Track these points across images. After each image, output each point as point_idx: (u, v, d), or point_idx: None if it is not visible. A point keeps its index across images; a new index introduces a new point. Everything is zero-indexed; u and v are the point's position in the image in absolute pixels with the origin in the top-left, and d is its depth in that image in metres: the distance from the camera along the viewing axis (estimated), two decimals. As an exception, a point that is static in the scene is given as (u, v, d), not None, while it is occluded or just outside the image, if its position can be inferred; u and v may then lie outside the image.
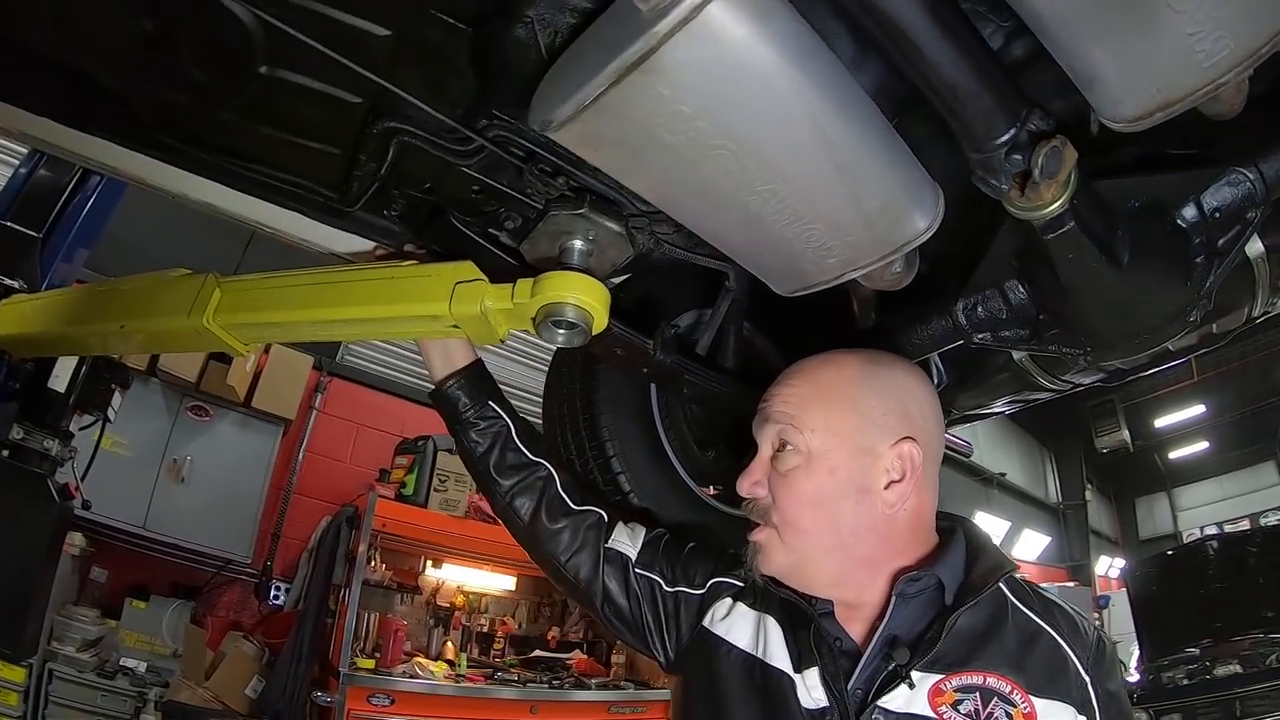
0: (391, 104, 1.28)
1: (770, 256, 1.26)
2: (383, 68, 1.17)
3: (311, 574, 5.10)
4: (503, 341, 1.49)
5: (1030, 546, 15.16)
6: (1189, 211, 1.21)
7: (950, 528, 1.28)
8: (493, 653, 5.84)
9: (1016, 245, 1.34)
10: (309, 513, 5.77)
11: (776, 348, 2.11)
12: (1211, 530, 14.85)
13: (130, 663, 4.29)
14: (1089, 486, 17.52)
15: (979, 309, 1.49)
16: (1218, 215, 1.20)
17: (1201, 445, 15.00)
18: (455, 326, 1.48)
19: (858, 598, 1.21)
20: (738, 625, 1.31)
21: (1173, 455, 17.66)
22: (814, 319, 1.89)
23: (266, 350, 5.65)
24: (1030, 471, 16.66)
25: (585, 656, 5.98)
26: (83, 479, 4.23)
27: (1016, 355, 1.75)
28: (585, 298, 1.30)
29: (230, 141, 1.45)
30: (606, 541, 1.45)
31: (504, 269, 1.45)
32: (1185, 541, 13.52)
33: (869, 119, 1.02)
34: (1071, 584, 14.70)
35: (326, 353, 6.39)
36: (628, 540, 1.46)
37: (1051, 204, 1.01)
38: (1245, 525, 14.40)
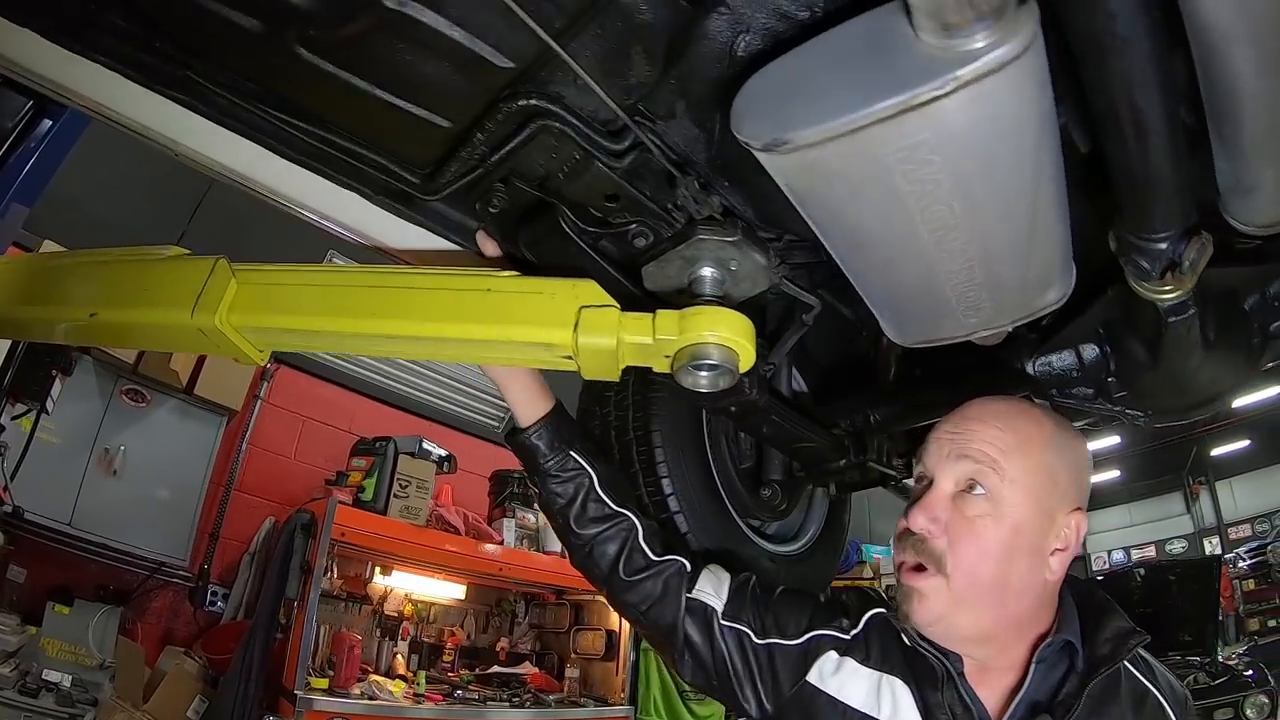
0: (548, 76, 1.04)
1: (915, 307, 1.22)
2: (561, 29, 0.89)
3: (257, 582, 4.66)
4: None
5: None
6: (1255, 299, 1.40)
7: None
8: (441, 664, 5.46)
9: (1111, 314, 1.44)
10: (250, 512, 5.28)
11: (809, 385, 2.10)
12: (1119, 555, 15.42)
13: (54, 676, 3.75)
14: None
15: (1053, 364, 1.60)
16: (1275, 303, 1.39)
17: (1114, 474, 15.42)
18: (568, 358, 1.20)
19: (996, 660, 1.19)
20: (851, 683, 1.26)
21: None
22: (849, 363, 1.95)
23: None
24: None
25: (538, 670, 5.66)
26: (12, 478, 3.79)
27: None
28: (738, 338, 1.11)
29: (295, 92, 1.11)
30: (689, 591, 1.37)
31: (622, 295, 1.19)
32: (1102, 566, 14.33)
33: (1063, 191, 1.01)
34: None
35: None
36: (712, 590, 1.37)
37: (1184, 291, 1.10)
38: (1151, 552, 15.11)
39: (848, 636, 1.30)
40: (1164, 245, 1.04)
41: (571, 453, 1.39)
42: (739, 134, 0.89)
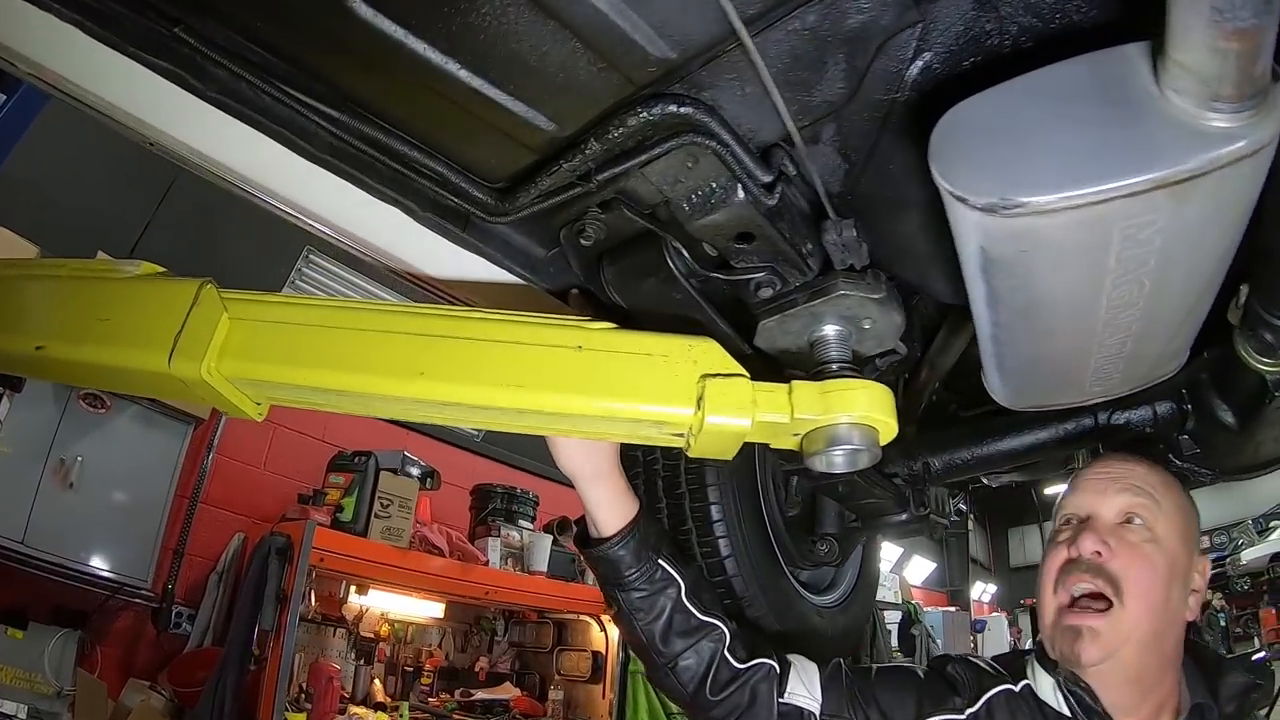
0: (710, 78, 0.81)
1: (1047, 375, 1.14)
2: (754, 17, 0.69)
3: (226, 604, 4.25)
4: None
5: (919, 571, 15.39)
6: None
7: None
8: (420, 687, 5.10)
9: (1199, 376, 1.43)
10: (218, 527, 4.81)
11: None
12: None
13: (8, 707, 3.35)
14: (970, 516, 17.94)
15: (1129, 419, 1.58)
16: None
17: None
18: (679, 435, 0.91)
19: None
20: None
21: (1048, 490, 17.95)
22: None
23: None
24: (920, 498, 16.84)
25: (521, 693, 5.33)
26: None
27: None
28: (884, 416, 0.96)
29: (331, 65, 0.83)
30: (781, 695, 1.24)
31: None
32: None
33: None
34: (953, 608, 15.03)
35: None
36: (804, 690, 1.25)
37: None
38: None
39: (963, 716, 1.21)
40: None
41: (660, 561, 1.22)
42: (947, 183, 0.74)
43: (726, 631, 1.24)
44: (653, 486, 1.74)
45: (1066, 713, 1.14)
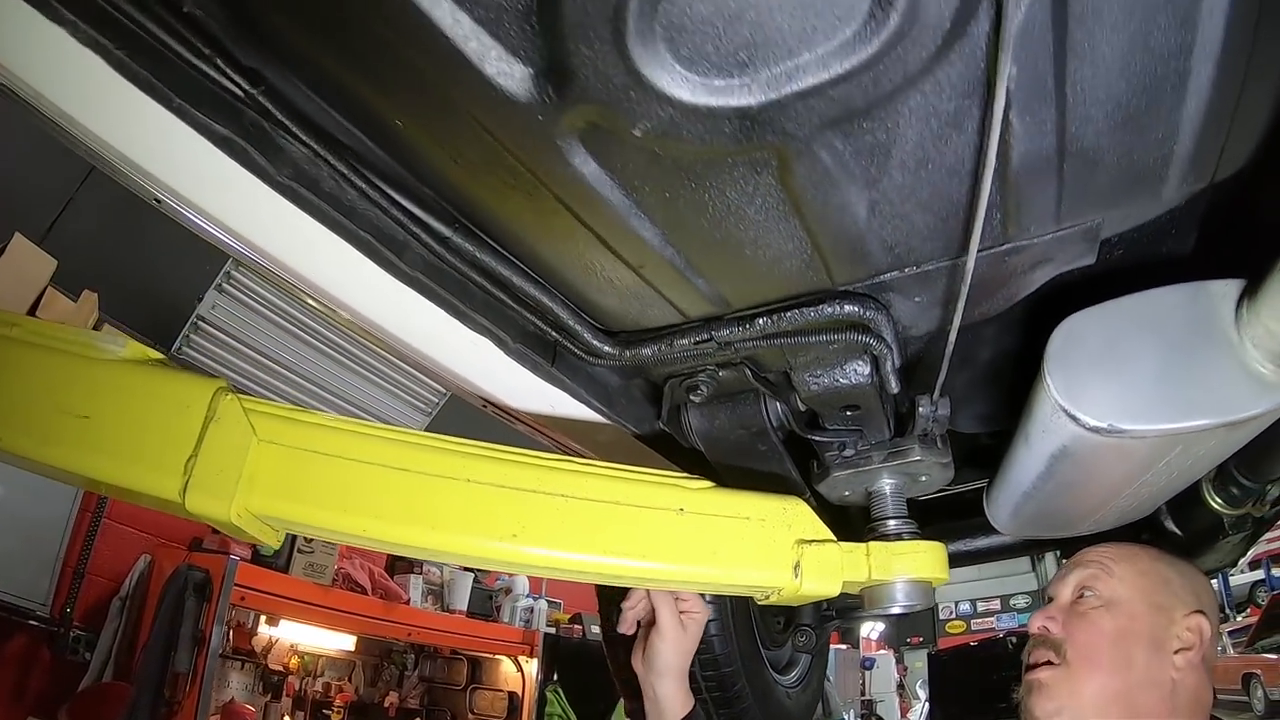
0: (899, 286, 0.81)
1: (1054, 519, 1.27)
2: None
3: (129, 632, 3.87)
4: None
5: None
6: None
7: None
8: None
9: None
10: (122, 545, 4.35)
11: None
12: (965, 606, 16.00)
13: None
14: (864, 555, 18.46)
15: None
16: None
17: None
18: (766, 594, 0.86)
19: None
20: None
21: (937, 536, 18.72)
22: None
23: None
24: (819, 535, 17.22)
25: None
26: None
27: None
28: (941, 573, 1.00)
29: (487, 194, 0.70)
30: None
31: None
32: (949, 615, 14.95)
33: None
34: (843, 646, 15.25)
35: (163, 340, 4.88)
36: None
37: (1249, 514, 1.31)
38: (996, 604, 15.73)
39: None
40: (1270, 486, 1.24)
41: None
42: (1063, 401, 0.84)
43: None
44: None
45: None
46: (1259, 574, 16.68)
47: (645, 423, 1.02)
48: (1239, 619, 13.61)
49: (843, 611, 2.05)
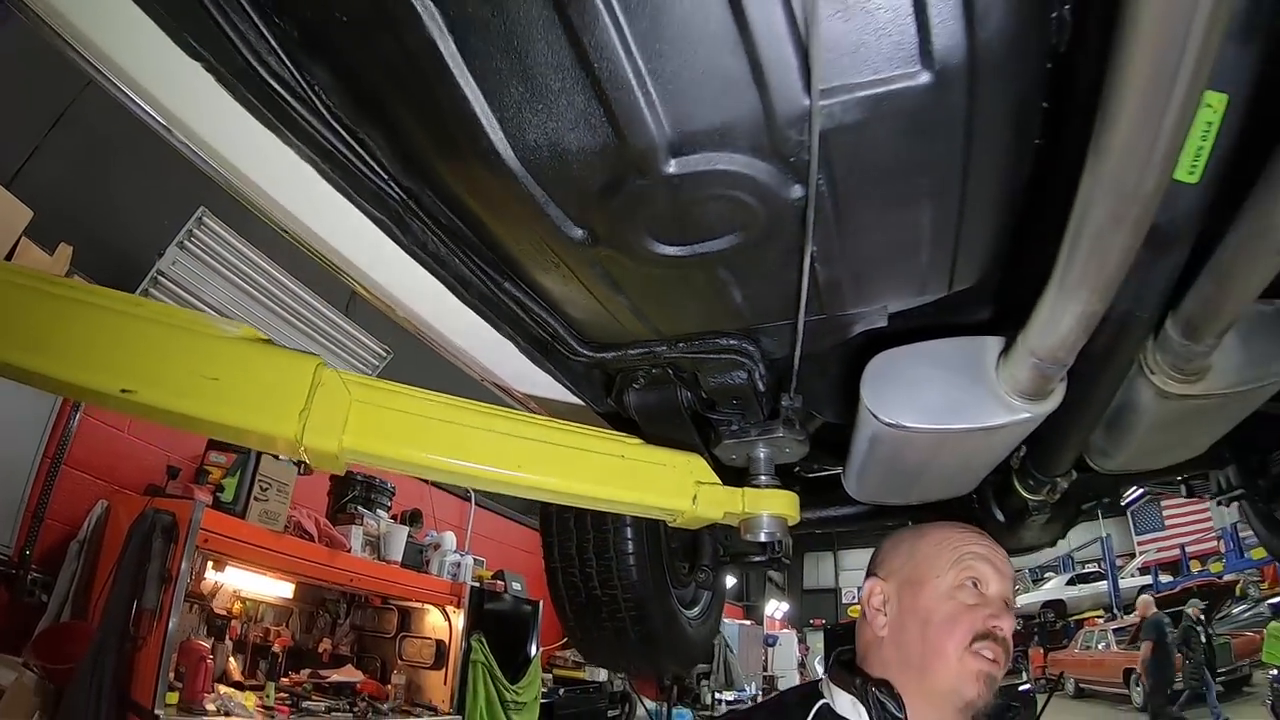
0: (767, 333, 1.32)
1: (884, 489, 1.80)
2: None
3: (85, 574, 4.12)
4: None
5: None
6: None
7: None
8: (277, 667, 5.07)
9: (986, 491, 2.10)
10: (80, 491, 4.61)
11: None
12: (865, 591, 16.84)
13: None
14: (772, 538, 19.11)
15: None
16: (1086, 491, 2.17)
17: (872, 520, 16.90)
18: (672, 516, 1.36)
19: None
20: None
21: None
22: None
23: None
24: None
25: (367, 676, 5.47)
26: None
27: None
28: (793, 512, 1.47)
29: (545, 264, 1.15)
30: None
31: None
32: (852, 600, 15.66)
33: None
34: (748, 622, 15.75)
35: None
36: None
37: (1048, 499, 1.85)
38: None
39: None
40: (1059, 479, 1.72)
41: None
42: (871, 407, 1.27)
43: None
44: (582, 520, 2.19)
45: None
46: (1147, 579, 18.19)
47: (600, 401, 1.51)
48: (1125, 618, 14.66)
49: (735, 557, 2.53)
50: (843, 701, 1.26)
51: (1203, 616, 11.85)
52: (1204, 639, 11.46)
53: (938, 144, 0.88)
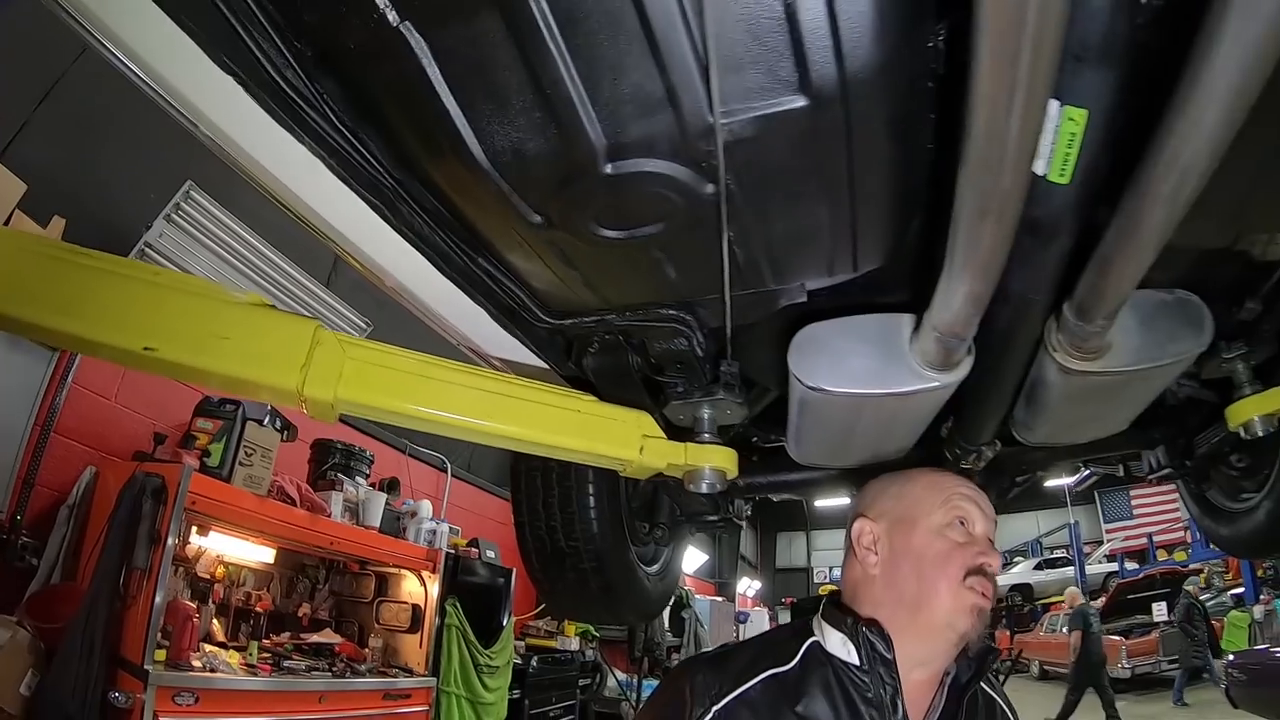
0: (703, 304, 1.48)
1: (820, 451, 1.91)
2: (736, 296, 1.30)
3: (76, 541, 4.28)
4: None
5: (692, 561, 16.30)
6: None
7: None
8: (260, 629, 5.35)
9: (923, 455, 1.94)
10: (69, 457, 4.74)
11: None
12: (837, 572, 17.14)
13: None
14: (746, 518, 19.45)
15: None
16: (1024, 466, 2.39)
17: (844, 500, 17.15)
18: (622, 466, 1.58)
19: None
20: None
21: (818, 503, 19.81)
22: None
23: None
24: (704, 495, 18.00)
25: (345, 640, 5.69)
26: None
27: None
28: (732, 466, 1.66)
29: (511, 240, 1.35)
30: None
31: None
32: (823, 580, 16.04)
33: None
34: (720, 599, 16.02)
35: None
36: None
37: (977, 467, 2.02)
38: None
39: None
40: (983, 447, 1.87)
41: None
42: (796, 372, 1.42)
43: None
44: (548, 477, 2.37)
45: (855, 661, 1.28)
46: (1114, 565, 18.72)
47: (563, 364, 1.72)
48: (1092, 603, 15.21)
49: (690, 516, 2.73)
50: (834, 639, 1.31)
51: (1203, 595, 12.19)
52: (1204, 615, 11.82)
53: (823, 153, 1.10)
